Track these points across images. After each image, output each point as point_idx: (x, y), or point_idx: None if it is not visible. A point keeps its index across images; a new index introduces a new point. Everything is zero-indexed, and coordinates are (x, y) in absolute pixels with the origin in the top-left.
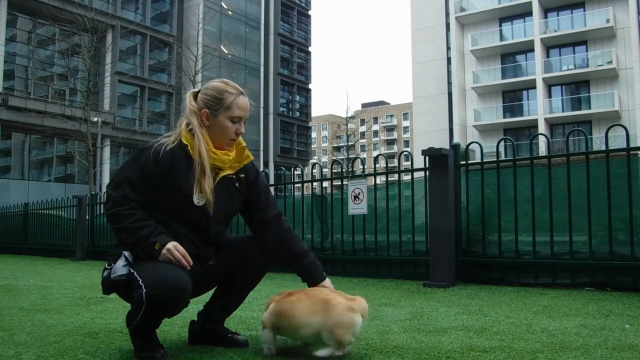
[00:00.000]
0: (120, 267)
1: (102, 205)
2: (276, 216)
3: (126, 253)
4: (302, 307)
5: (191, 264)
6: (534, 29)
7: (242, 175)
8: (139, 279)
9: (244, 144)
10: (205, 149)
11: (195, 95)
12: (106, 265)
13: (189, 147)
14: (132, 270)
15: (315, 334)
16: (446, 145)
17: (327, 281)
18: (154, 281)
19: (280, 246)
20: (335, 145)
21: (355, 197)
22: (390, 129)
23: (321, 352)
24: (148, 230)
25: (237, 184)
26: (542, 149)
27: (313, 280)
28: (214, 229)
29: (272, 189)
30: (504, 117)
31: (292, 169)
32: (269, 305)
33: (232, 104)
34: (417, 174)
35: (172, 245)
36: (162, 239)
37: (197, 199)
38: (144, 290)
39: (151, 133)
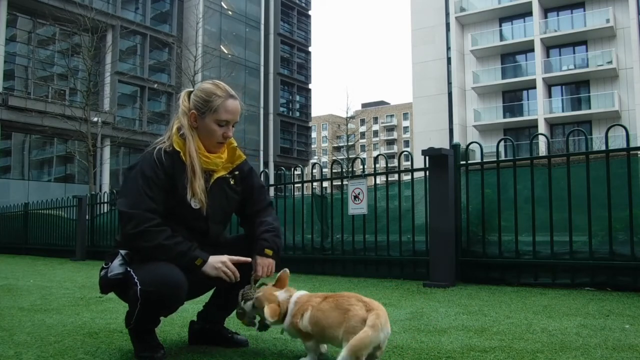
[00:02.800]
0: (117, 266)
1: (102, 205)
2: (263, 208)
3: (123, 252)
4: (333, 317)
5: (238, 279)
6: (534, 29)
7: (236, 173)
8: (134, 276)
9: (235, 144)
10: (195, 150)
11: (189, 95)
12: (103, 264)
13: (181, 153)
14: (128, 269)
15: (340, 344)
16: (446, 145)
17: (265, 260)
18: (149, 279)
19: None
20: (335, 145)
21: (355, 197)
22: (390, 129)
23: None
24: (185, 246)
25: (232, 182)
26: (542, 149)
27: (254, 251)
28: (212, 230)
29: (272, 189)
30: (504, 117)
31: (292, 169)
32: (304, 313)
33: (219, 107)
34: (417, 174)
35: (226, 258)
36: (202, 255)
37: (194, 203)
38: (139, 287)
39: (151, 133)
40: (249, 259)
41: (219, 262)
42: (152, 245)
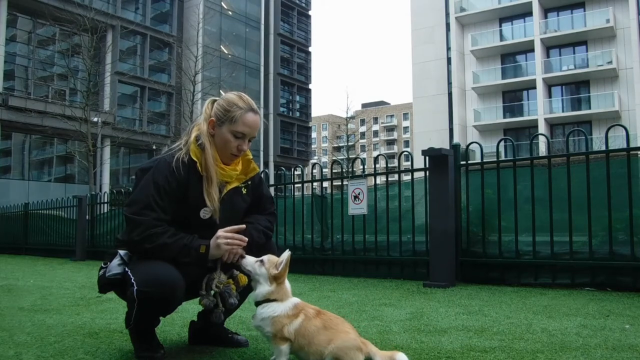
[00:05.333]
0: (115, 266)
1: (102, 205)
2: (264, 214)
3: (122, 252)
4: (326, 335)
5: (245, 240)
6: (534, 29)
7: (249, 182)
8: (132, 277)
9: (250, 156)
10: (212, 161)
11: (213, 103)
12: (102, 264)
13: (197, 163)
14: (126, 269)
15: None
16: (446, 145)
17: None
18: (145, 279)
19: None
20: (335, 145)
21: (356, 197)
22: (390, 129)
23: None
24: (187, 239)
25: (244, 191)
26: (542, 149)
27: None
28: None
29: (272, 189)
30: (504, 117)
31: (292, 169)
32: (294, 320)
33: (237, 119)
34: (417, 174)
35: (219, 233)
36: (203, 242)
37: (203, 213)
38: (135, 288)
39: (151, 133)
40: (244, 225)
41: (217, 240)
42: (156, 244)
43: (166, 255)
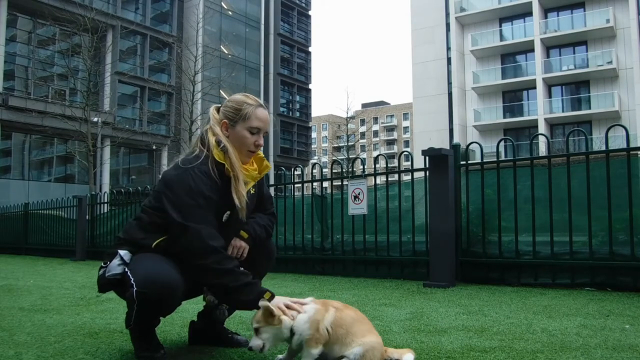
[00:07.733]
0: (115, 266)
1: (102, 205)
2: (266, 214)
3: (122, 252)
4: (361, 326)
5: (300, 312)
6: (534, 29)
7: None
8: (131, 277)
9: (262, 154)
10: (236, 161)
11: (218, 109)
12: (102, 264)
13: (225, 166)
14: (126, 270)
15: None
16: (446, 146)
17: (238, 242)
18: (145, 280)
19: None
20: (335, 145)
21: (356, 197)
22: (390, 129)
23: None
24: (248, 278)
25: (252, 191)
26: (542, 149)
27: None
28: (227, 242)
29: (272, 189)
30: (504, 117)
31: (292, 169)
32: (327, 311)
33: (250, 115)
34: (417, 174)
35: (285, 301)
36: (268, 289)
37: (224, 215)
38: (135, 289)
39: (151, 133)
40: (305, 307)
41: (277, 302)
42: (224, 269)
43: (228, 283)
